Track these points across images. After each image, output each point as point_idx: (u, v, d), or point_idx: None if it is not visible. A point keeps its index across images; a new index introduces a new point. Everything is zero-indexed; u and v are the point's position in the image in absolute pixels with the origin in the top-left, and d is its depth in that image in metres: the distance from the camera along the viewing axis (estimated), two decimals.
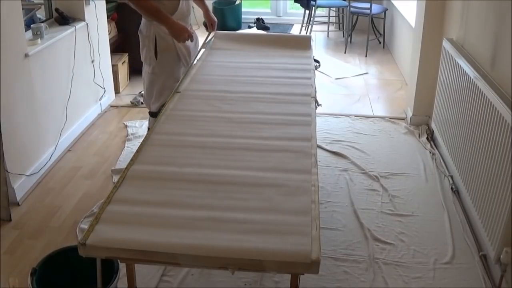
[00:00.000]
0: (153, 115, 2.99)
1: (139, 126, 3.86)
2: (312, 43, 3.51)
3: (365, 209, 2.82)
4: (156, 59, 2.86)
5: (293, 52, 3.29)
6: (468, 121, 2.65)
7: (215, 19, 3.28)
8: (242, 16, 6.81)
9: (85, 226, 2.61)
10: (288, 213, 1.66)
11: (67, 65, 3.53)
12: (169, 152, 2.03)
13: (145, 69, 2.97)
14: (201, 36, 3.45)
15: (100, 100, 4.09)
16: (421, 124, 3.81)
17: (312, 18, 6.26)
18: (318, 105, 2.74)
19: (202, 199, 1.73)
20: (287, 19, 7.17)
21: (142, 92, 4.39)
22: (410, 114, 3.87)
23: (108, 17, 4.32)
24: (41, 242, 2.57)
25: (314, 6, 6.10)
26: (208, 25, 3.32)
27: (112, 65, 4.32)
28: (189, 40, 2.89)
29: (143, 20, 2.89)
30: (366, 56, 5.68)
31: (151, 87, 2.97)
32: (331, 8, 6.55)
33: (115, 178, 3.11)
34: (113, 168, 3.29)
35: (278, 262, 1.47)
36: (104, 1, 4.13)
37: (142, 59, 2.95)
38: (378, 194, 2.96)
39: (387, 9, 5.85)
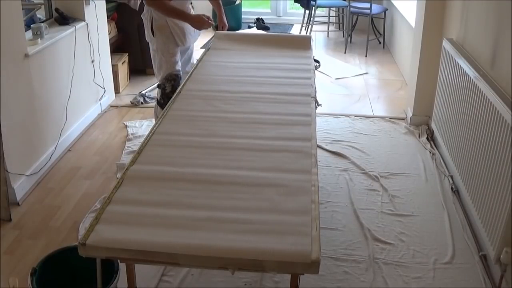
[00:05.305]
0: (160, 105, 3.21)
1: (139, 126, 3.86)
2: (312, 43, 3.51)
3: (365, 209, 2.82)
4: (154, 37, 3.16)
5: (293, 52, 3.28)
6: (468, 121, 2.65)
7: (227, 24, 3.47)
8: (242, 16, 6.81)
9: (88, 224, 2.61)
10: (288, 213, 1.65)
11: (67, 65, 3.53)
12: (169, 152, 2.03)
13: (150, 47, 3.27)
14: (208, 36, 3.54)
15: (100, 100, 4.09)
16: (421, 124, 3.81)
17: (312, 18, 6.26)
18: (318, 105, 2.74)
19: (202, 199, 1.73)
20: (287, 19, 7.18)
21: (143, 91, 4.42)
22: (410, 114, 3.87)
23: (108, 17, 4.32)
24: (41, 242, 2.57)
25: (314, 6, 6.11)
26: (219, 28, 3.47)
27: (112, 65, 4.32)
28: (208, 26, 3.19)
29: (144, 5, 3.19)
30: (366, 56, 5.68)
31: (154, 62, 3.28)
32: (331, 8, 6.55)
33: (119, 174, 3.12)
34: (117, 162, 3.30)
35: (278, 262, 1.47)
36: (104, 1, 4.13)
37: (146, 38, 3.29)
38: (378, 194, 2.96)
39: (387, 9, 5.84)
